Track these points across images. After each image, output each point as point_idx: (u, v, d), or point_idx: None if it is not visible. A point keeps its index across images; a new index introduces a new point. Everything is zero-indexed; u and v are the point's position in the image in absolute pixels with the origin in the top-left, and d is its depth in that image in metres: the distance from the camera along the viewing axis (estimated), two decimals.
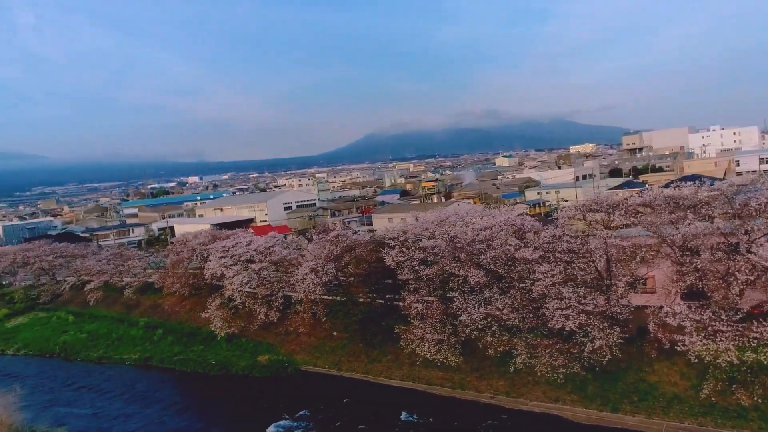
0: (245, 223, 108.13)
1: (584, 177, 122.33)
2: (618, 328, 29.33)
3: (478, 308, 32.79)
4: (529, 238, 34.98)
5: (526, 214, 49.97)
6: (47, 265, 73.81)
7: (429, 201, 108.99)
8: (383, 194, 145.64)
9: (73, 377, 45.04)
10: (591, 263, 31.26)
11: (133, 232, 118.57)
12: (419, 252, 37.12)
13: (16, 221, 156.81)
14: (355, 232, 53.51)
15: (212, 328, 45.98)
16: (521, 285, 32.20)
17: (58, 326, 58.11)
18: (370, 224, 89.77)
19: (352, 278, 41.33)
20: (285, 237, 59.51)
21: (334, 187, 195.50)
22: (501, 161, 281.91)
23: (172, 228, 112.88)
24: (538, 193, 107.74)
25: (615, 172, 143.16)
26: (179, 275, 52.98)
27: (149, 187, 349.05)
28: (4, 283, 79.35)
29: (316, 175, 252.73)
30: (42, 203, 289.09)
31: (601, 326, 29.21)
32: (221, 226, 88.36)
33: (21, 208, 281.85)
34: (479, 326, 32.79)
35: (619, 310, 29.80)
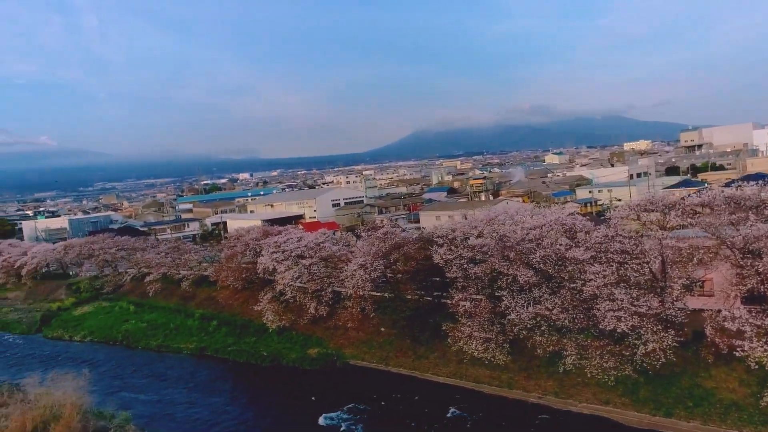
0: (294, 219, 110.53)
1: (639, 175, 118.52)
2: (672, 332, 28.65)
3: (527, 308, 32.67)
4: (580, 238, 34.49)
5: (577, 213, 49.04)
6: (110, 257, 77.82)
7: (477, 199, 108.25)
8: (430, 192, 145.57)
9: (136, 364, 47.44)
10: (645, 264, 30.58)
11: (188, 226, 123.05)
12: (468, 250, 37.22)
13: (80, 215, 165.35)
14: (403, 230, 53.98)
15: (264, 321, 47.48)
16: (572, 285, 31.85)
17: (120, 315, 61.19)
18: (417, 222, 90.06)
19: (400, 275, 41.79)
20: (333, 234, 60.58)
21: (381, 184, 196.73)
22: (551, 158, 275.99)
23: (224, 223, 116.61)
24: (590, 192, 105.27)
25: (672, 171, 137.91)
26: (233, 269, 54.88)
27: (202, 183, 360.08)
28: (71, 273, 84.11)
29: (364, 172, 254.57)
30: (103, 198, 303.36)
31: (655, 329, 28.59)
32: (271, 222, 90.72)
33: (84, 202, 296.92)
34: (528, 326, 32.67)
35: (674, 313, 29.08)
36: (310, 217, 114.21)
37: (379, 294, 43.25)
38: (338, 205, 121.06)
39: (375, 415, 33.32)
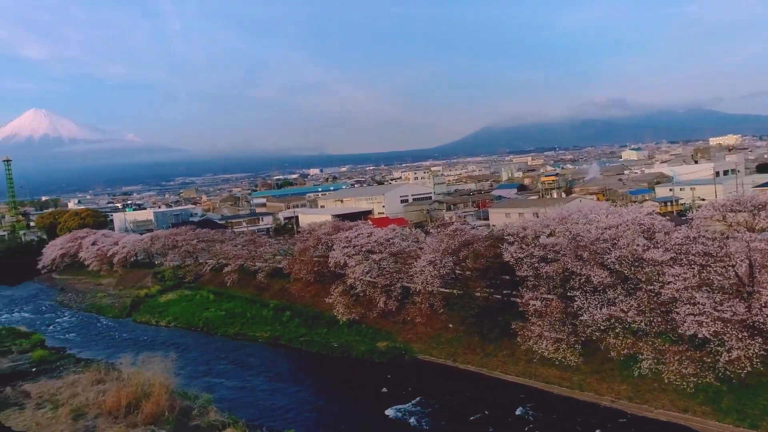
0: (363, 215, 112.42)
1: (725, 172, 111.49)
2: (760, 339, 27.16)
3: (601, 309, 31.94)
4: (659, 239, 33.29)
5: (656, 212, 47.11)
6: (191, 248, 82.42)
7: (548, 196, 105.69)
8: (500, 188, 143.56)
9: (217, 350, 50.14)
10: (730, 268, 29.10)
11: (262, 220, 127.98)
12: (539, 249, 36.80)
13: (164, 208, 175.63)
14: (473, 227, 53.86)
15: (335, 313, 48.94)
16: (649, 287, 30.84)
17: (200, 303, 64.85)
18: (486, 219, 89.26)
19: (469, 272, 41.88)
20: (402, 229, 61.36)
21: (449, 180, 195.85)
22: (628, 154, 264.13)
23: (296, 217, 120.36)
24: (671, 190, 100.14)
25: (763, 168, 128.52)
26: (305, 262, 56.83)
27: (275, 178, 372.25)
28: (156, 262, 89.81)
29: (432, 168, 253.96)
30: (184, 192, 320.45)
31: (740, 336, 27.20)
32: (341, 217, 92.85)
33: (167, 196, 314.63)
34: (601, 327, 31.95)
35: (762, 320, 27.53)
36: (379, 213, 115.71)
37: (447, 290, 43.55)
38: (406, 201, 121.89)
39: (442, 410, 33.74)
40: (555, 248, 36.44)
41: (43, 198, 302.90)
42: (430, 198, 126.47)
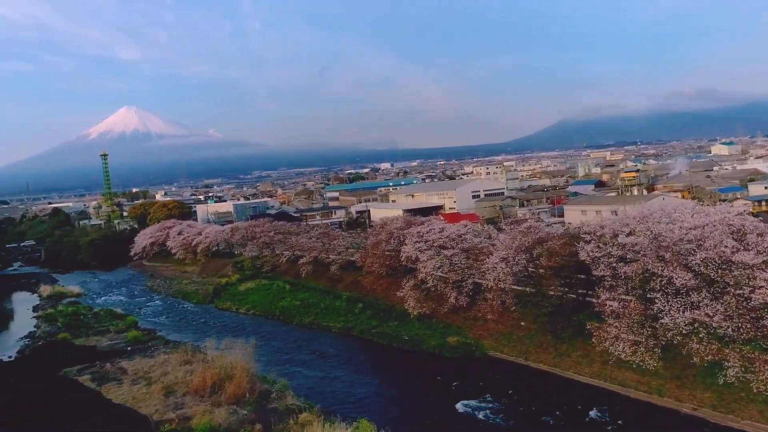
0: (434, 210, 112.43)
1: None
2: None
3: (683, 312, 30.70)
4: (750, 240, 31.49)
5: (749, 212, 44.27)
6: (268, 239, 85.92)
7: (628, 193, 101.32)
8: (576, 185, 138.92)
9: (294, 338, 52.34)
10: None
11: (335, 213, 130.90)
12: (617, 248, 35.75)
13: (242, 200, 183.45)
14: (548, 225, 52.87)
15: (406, 307, 49.69)
16: (737, 292, 29.31)
17: (277, 293, 67.67)
18: (561, 216, 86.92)
19: (543, 270, 41.26)
20: (474, 225, 61.11)
21: (522, 176, 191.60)
22: (718, 149, 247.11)
23: (368, 211, 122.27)
24: (766, 188, 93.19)
25: None
26: (377, 256, 57.97)
27: (347, 172, 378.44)
28: (236, 252, 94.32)
29: (504, 163, 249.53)
30: (260, 185, 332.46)
31: None
32: (412, 211, 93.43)
33: (244, 189, 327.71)
34: (683, 331, 30.71)
35: None
36: (450, 208, 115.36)
37: (520, 288, 43.16)
38: (478, 196, 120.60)
39: (512, 408, 33.66)
40: (634, 248, 35.27)
41: (134, 189, 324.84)
42: (503, 194, 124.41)
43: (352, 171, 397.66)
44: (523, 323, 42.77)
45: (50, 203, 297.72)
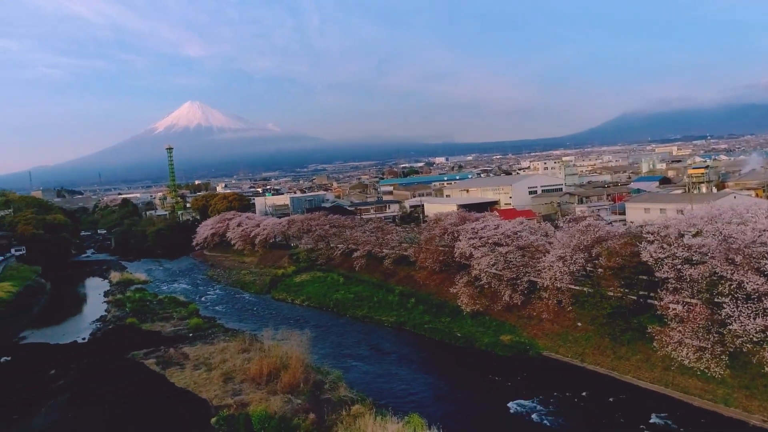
0: (489, 206, 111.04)
1: None
2: None
3: (755, 319, 29.07)
4: None
5: None
6: (323, 232, 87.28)
7: (696, 191, 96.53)
8: (638, 181, 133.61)
9: (348, 331, 53.14)
10: None
11: (389, 208, 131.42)
12: (683, 249, 34.20)
13: (298, 194, 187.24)
14: (609, 223, 51.19)
15: (458, 303, 49.43)
16: None
17: (331, 285, 68.78)
18: (623, 213, 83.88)
19: (602, 270, 40.00)
20: (531, 222, 59.94)
21: (581, 171, 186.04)
22: None
23: (422, 206, 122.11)
24: None
25: None
26: (431, 251, 57.89)
27: (401, 166, 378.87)
28: (292, 245, 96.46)
29: (563, 158, 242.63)
30: (316, 178, 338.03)
31: None
32: (466, 206, 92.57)
33: (301, 182, 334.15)
34: (754, 339, 29.10)
35: None
36: (505, 204, 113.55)
37: (577, 288, 42.04)
38: (535, 192, 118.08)
39: (567, 410, 32.95)
40: (701, 249, 33.65)
41: (196, 182, 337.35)
42: (560, 190, 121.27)
43: (407, 165, 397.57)
44: (579, 324, 41.70)
45: (120, 194, 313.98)
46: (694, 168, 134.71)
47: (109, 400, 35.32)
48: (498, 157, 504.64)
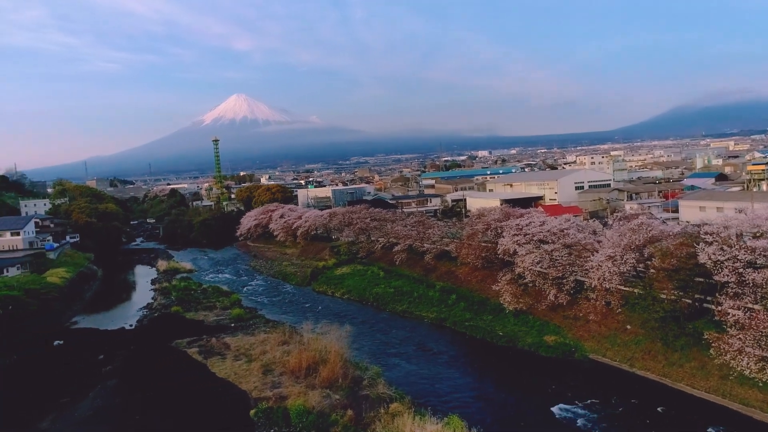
0: (533, 201, 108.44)
1: None
2: None
3: None
4: None
5: None
6: (364, 226, 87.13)
7: (756, 189, 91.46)
8: (693, 177, 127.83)
9: (388, 326, 52.63)
10: None
11: (430, 201, 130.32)
12: (745, 252, 32.10)
13: (340, 186, 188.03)
14: (663, 221, 48.83)
15: (501, 301, 48.24)
16: None
17: (372, 279, 68.46)
18: (675, 211, 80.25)
19: (654, 271, 38.11)
20: (578, 219, 57.91)
21: (631, 166, 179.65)
22: None
23: (464, 200, 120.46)
24: None
25: None
26: (473, 247, 56.75)
27: (443, 159, 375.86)
28: (333, 237, 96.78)
29: (611, 153, 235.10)
30: (358, 171, 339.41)
31: None
32: (510, 202, 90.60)
33: (342, 174, 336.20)
34: None
35: None
36: (550, 200, 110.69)
37: (628, 289, 40.22)
38: (582, 188, 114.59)
39: (615, 417, 31.51)
40: (766, 252, 31.48)
41: (241, 173, 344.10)
42: (609, 185, 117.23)
43: (449, 158, 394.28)
44: (628, 326, 39.92)
45: (168, 184, 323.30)
46: (753, 164, 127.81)
47: (153, 388, 36.01)
48: (542, 150, 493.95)
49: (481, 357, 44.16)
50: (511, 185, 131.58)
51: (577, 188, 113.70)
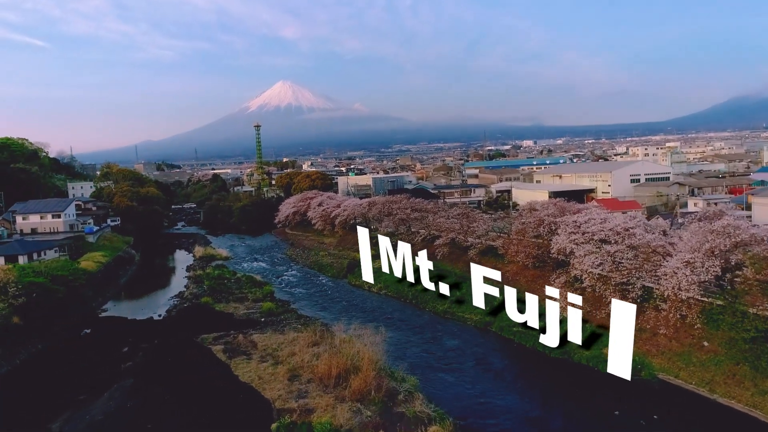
0: (585, 194, 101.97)
1: None
2: None
3: None
4: None
5: None
6: (405, 216, 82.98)
7: None
8: (762, 171, 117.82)
9: (427, 329, 48.69)
10: None
11: (474, 192, 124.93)
12: None
13: (381, 174, 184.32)
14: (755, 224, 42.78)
15: None
16: None
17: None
18: (747, 209, 72.78)
19: (743, 282, 32.70)
20: (643, 216, 52.21)
21: (689, 159, 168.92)
22: None
23: (509, 192, 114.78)
24: None
25: None
26: (523, 244, 52.00)
27: (487, 149, 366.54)
28: (372, 227, 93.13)
29: (668, 144, 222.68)
30: (400, 159, 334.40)
31: None
32: (559, 194, 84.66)
33: (384, 162, 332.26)
34: None
35: None
36: (603, 192, 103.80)
37: (708, 300, 34.88)
38: (637, 180, 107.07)
39: None
40: None
41: (284, 159, 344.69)
42: (668, 179, 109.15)
43: (493, 147, 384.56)
44: (706, 343, 34.64)
45: (213, 169, 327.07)
46: None
47: (170, 392, 33.28)
48: (590, 141, 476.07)
49: (531, 370, 39.72)
50: (560, 176, 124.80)
51: (632, 181, 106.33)
